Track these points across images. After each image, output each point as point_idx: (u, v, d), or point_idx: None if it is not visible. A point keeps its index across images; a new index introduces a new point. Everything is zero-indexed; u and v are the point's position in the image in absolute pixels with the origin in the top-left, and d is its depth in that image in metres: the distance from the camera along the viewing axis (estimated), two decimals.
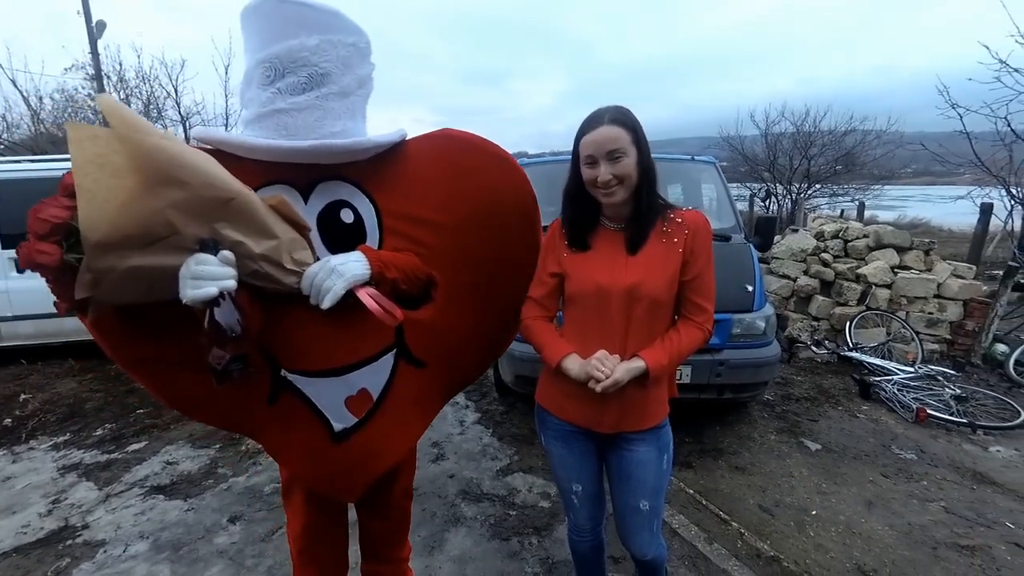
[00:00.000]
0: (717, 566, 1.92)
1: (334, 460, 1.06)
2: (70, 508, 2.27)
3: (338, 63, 0.94)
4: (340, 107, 0.96)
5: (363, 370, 1.03)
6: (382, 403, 1.07)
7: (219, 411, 1.06)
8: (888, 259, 4.49)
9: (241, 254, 0.83)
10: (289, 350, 0.99)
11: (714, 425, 3.04)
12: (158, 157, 0.73)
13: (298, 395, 1.02)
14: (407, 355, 1.09)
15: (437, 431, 2.99)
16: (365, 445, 1.07)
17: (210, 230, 0.80)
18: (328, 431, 1.04)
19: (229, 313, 0.81)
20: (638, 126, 1.12)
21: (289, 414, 1.04)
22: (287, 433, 1.06)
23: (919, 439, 2.91)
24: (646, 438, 1.24)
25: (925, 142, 6.31)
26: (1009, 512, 2.26)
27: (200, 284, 0.77)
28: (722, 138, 11.90)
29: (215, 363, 0.82)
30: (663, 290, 1.15)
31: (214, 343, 0.82)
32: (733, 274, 2.80)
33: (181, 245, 0.78)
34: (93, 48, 9.55)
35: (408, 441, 1.18)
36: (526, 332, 1.28)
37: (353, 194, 1.02)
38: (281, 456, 1.12)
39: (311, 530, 1.24)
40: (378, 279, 0.95)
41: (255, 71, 0.93)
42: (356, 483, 1.11)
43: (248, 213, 0.83)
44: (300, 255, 0.91)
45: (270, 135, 0.93)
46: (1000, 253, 8.01)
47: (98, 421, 3.14)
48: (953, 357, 4.13)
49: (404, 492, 1.35)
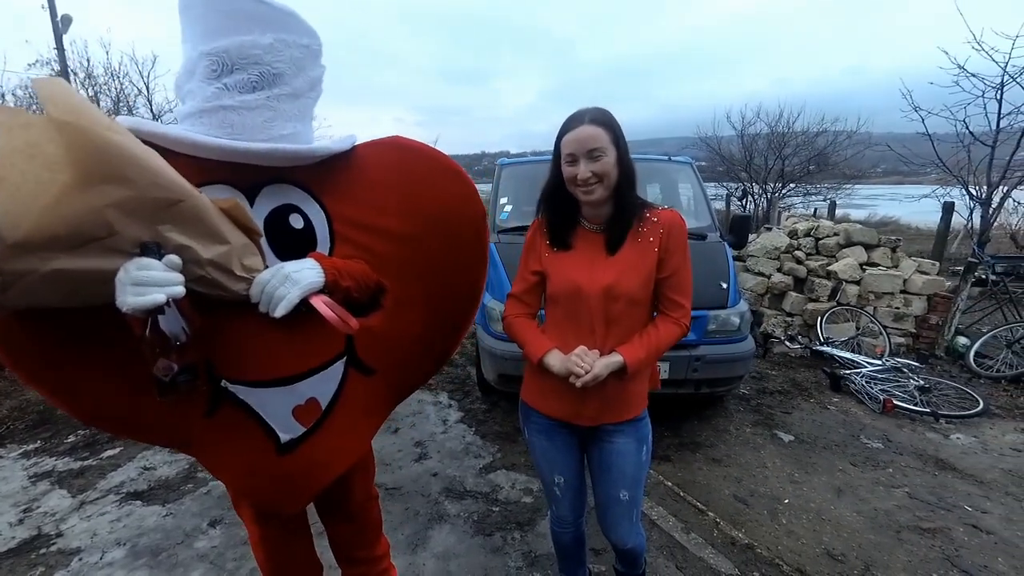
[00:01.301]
0: (694, 555, 1.98)
1: (278, 472, 1.02)
2: (43, 517, 2.22)
3: (291, 64, 0.92)
4: (291, 109, 0.94)
5: (312, 379, 1.00)
6: (331, 412, 1.04)
7: (146, 425, 1.00)
8: (857, 256, 4.65)
9: (187, 259, 0.78)
10: (232, 359, 0.94)
11: (692, 419, 3.12)
12: (101, 151, 0.66)
13: (240, 406, 0.97)
14: (357, 363, 1.07)
15: (420, 430, 3.00)
16: (312, 455, 1.03)
17: (153, 233, 0.74)
18: (274, 443, 1.00)
19: (174, 321, 0.76)
20: (617, 127, 1.16)
21: (229, 427, 0.99)
22: (226, 446, 1.01)
23: (886, 429, 3.04)
24: (625, 430, 1.28)
25: (893, 143, 6.54)
26: (967, 496, 2.37)
27: (143, 291, 0.71)
28: (700, 138, 12.12)
29: (161, 374, 0.77)
30: (638, 289, 1.19)
31: (158, 353, 0.76)
32: (708, 272, 2.88)
33: (118, 248, 0.71)
34: (59, 43, 9.23)
35: (357, 449, 1.15)
36: (509, 329, 1.32)
37: (303, 199, 0.99)
38: (220, 471, 1.07)
39: (271, 539, 1.22)
40: (332, 287, 0.93)
41: (199, 63, 0.88)
42: (300, 495, 1.07)
43: (197, 217, 0.78)
44: (250, 261, 0.87)
45: (213, 132, 0.89)
46: (962, 250, 8.36)
47: (70, 428, 3.05)
48: (918, 350, 4.30)
49: (366, 495, 1.33)
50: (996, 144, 4.89)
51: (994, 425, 3.09)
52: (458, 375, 3.85)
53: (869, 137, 10.50)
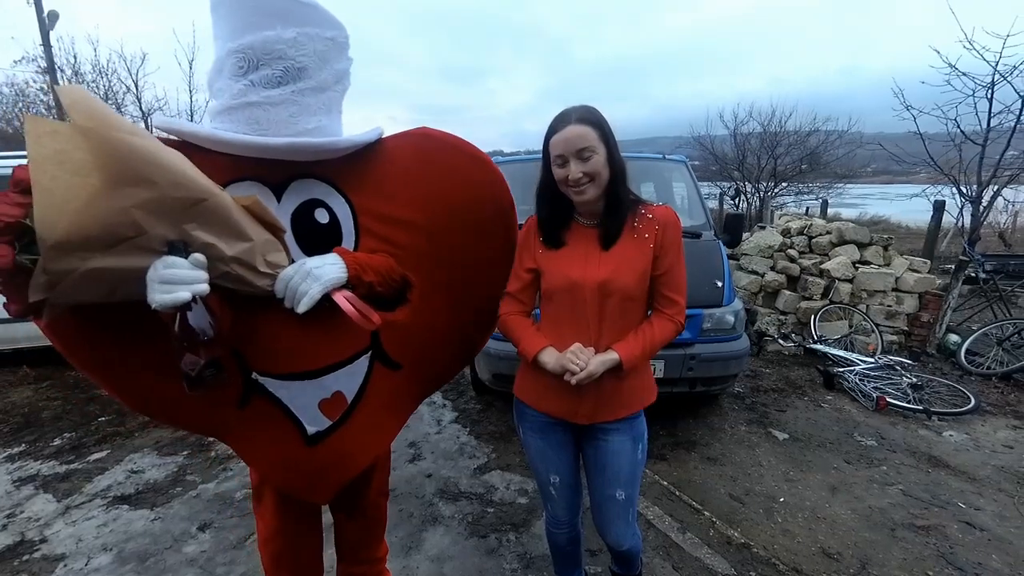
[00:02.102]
0: (690, 554, 1.97)
1: (307, 463, 1.05)
2: (26, 522, 2.17)
3: (315, 57, 0.92)
4: (316, 103, 0.94)
5: (338, 373, 1.02)
6: (357, 406, 1.06)
7: (187, 415, 1.03)
8: (849, 254, 4.67)
9: (212, 256, 0.80)
10: (261, 353, 0.97)
11: (687, 418, 3.11)
12: (125, 154, 0.70)
13: (270, 398, 1.00)
14: (383, 357, 1.08)
15: (414, 431, 2.97)
16: (339, 448, 1.06)
17: (179, 232, 0.77)
18: (301, 434, 1.02)
19: (201, 317, 0.78)
20: (605, 124, 1.14)
21: (260, 417, 1.02)
22: (258, 437, 1.04)
23: (879, 426, 3.05)
24: (620, 428, 1.26)
25: (883, 142, 6.60)
26: (960, 493, 2.38)
27: (170, 288, 0.74)
28: (693, 138, 12.17)
29: (188, 369, 0.80)
30: (634, 285, 1.18)
31: (186, 348, 0.79)
32: (703, 270, 2.87)
33: (147, 247, 0.75)
34: (45, 40, 9.08)
35: (382, 443, 1.18)
36: (503, 327, 1.30)
37: (328, 193, 1.00)
38: (252, 460, 1.10)
39: (284, 535, 1.22)
40: (355, 282, 0.94)
41: (227, 60, 0.90)
42: (329, 485, 1.10)
43: (220, 214, 0.80)
44: (274, 257, 0.89)
45: (241, 128, 0.90)
46: (952, 248, 8.44)
47: (56, 431, 3.00)
48: (910, 348, 4.33)
49: (380, 491, 1.35)
50: (987, 143, 4.93)
51: (986, 422, 3.11)
52: None
53: (860, 137, 10.59)
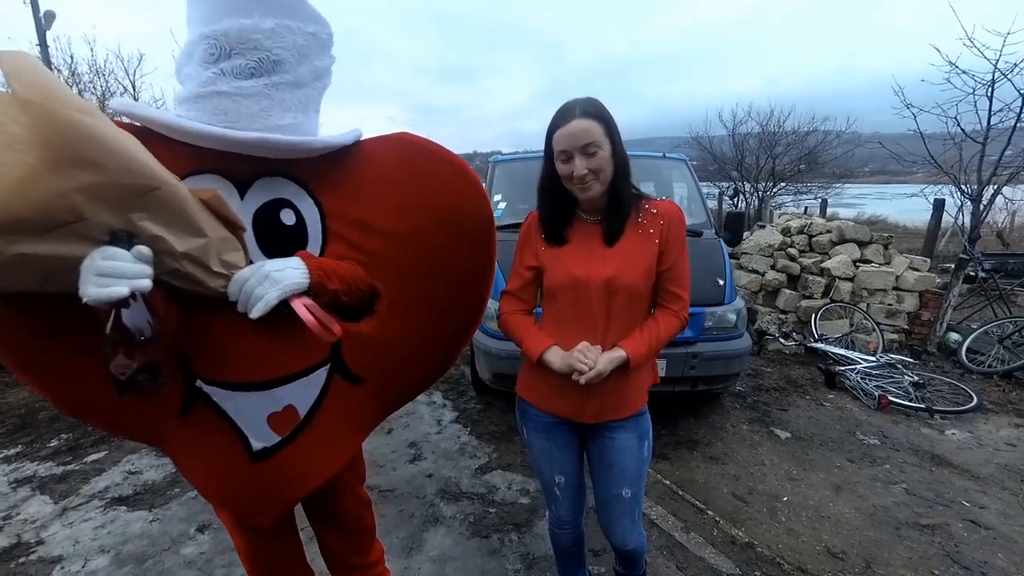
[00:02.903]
0: (694, 554, 1.95)
1: (249, 481, 0.96)
2: (23, 524, 2.14)
3: (294, 51, 0.87)
4: (291, 99, 0.89)
5: (291, 385, 0.94)
6: (310, 421, 0.98)
7: (120, 418, 0.93)
8: (850, 253, 4.67)
9: (160, 250, 0.73)
10: (208, 359, 0.89)
11: (689, 417, 3.10)
12: (71, 132, 0.63)
13: (214, 408, 0.92)
14: (343, 370, 1.00)
15: (414, 431, 2.95)
16: (286, 466, 0.97)
17: (125, 220, 0.69)
18: (246, 449, 0.94)
19: (139, 315, 0.70)
20: (610, 117, 1.11)
21: (202, 428, 0.93)
22: (199, 449, 0.95)
23: (881, 425, 3.04)
24: (626, 425, 1.25)
25: (881, 142, 6.60)
26: (964, 491, 2.37)
27: (106, 282, 0.67)
28: (692, 138, 12.17)
29: (118, 372, 0.71)
30: (640, 281, 1.16)
31: (118, 348, 0.71)
32: (705, 269, 2.86)
33: (87, 234, 0.67)
34: (41, 40, 9.04)
35: (335, 463, 1.07)
36: (505, 326, 1.27)
37: (297, 194, 0.93)
38: (191, 474, 1.00)
39: (256, 548, 1.15)
40: (317, 289, 0.87)
41: (198, 45, 0.84)
42: (272, 507, 1.01)
43: (173, 206, 0.73)
44: (230, 256, 0.82)
45: (207, 119, 0.84)
46: (951, 247, 8.45)
47: (52, 432, 2.97)
48: (911, 346, 4.33)
49: (359, 502, 1.26)
50: (987, 141, 4.93)
51: (988, 420, 3.11)
52: (452, 374, 3.80)
53: (858, 137, 10.60)
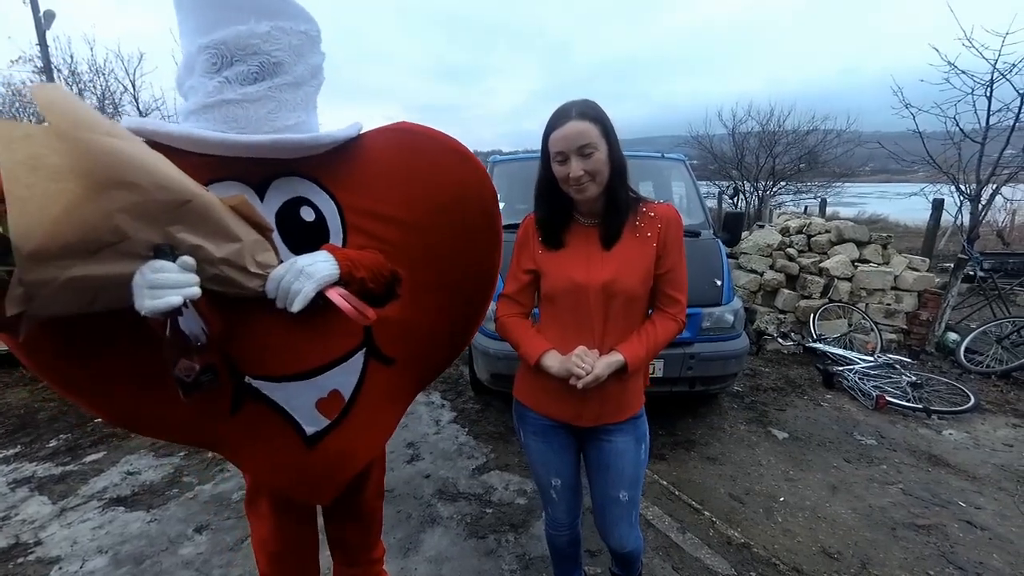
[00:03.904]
0: (690, 555, 1.95)
1: (307, 465, 1.03)
2: (21, 524, 2.15)
3: (290, 51, 0.90)
4: (294, 98, 0.92)
5: (333, 371, 1.00)
6: (354, 403, 1.05)
7: (174, 425, 1.00)
8: (848, 253, 4.67)
9: (200, 258, 0.78)
10: (253, 356, 0.95)
11: (686, 417, 3.10)
12: (105, 157, 0.67)
13: (264, 402, 0.98)
14: (377, 353, 1.07)
15: (412, 431, 2.96)
16: (339, 446, 1.05)
17: (165, 235, 0.74)
18: (300, 436, 1.01)
19: (193, 321, 0.77)
20: (606, 119, 1.12)
21: (255, 423, 0.99)
22: (254, 442, 1.02)
23: (879, 425, 3.04)
24: (624, 428, 1.25)
25: (881, 141, 6.59)
26: (961, 492, 2.38)
27: (160, 293, 0.72)
28: (692, 137, 12.15)
29: (184, 375, 0.78)
30: (638, 286, 1.16)
31: (179, 354, 0.77)
32: (702, 269, 2.86)
33: (132, 252, 0.72)
34: (41, 39, 9.03)
35: (381, 439, 1.17)
36: (502, 329, 1.28)
37: (312, 191, 0.98)
38: (249, 467, 1.08)
39: (281, 537, 1.20)
40: (347, 279, 0.92)
41: (198, 57, 0.87)
42: (332, 486, 1.09)
43: (206, 215, 0.78)
44: (263, 257, 0.87)
45: (218, 127, 0.87)
46: (951, 247, 8.45)
47: (51, 432, 2.98)
48: (909, 346, 4.33)
49: (377, 491, 1.34)
50: (986, 141, 4.93)
51: (985, 420, 3.11)
52: (451, 375, 3.81)
53: (858, 136, 10.58)
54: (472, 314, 1.26)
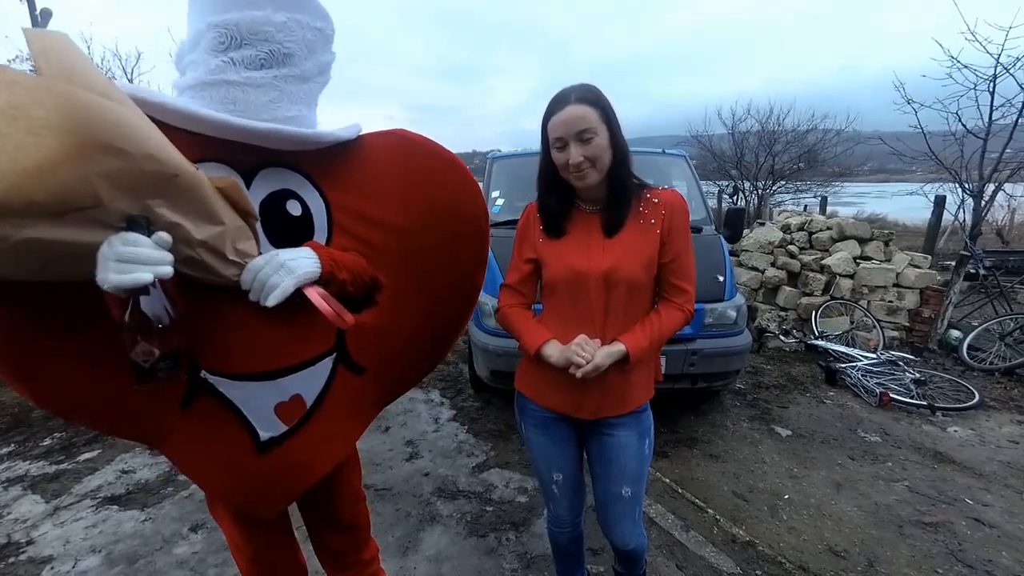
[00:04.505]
0: (694, 553, 1.92)
1: (256, 472, 0.95)
2: (13, 524, 2.11)
3: (303, 45, 0.88)
4: (297, 92, 0.90)
5: (298, 375, 0.93)
6: (316, 411, 0.97)
7: (116, 416, 0.91)
8: (850, 250, 4.64)
9: (178, 238, 0.72)
10: (215, 349, 0.88)
11: (688, 415, 3.07)
12: (95, 117, 0.61)
13: (219, 399, 0.91)
14: (347, 360, 1.01)
15: (411, 429, 2.92)
16: (293, 456, 0.97)
17: (143, 207, 0.68)
18: (253, 440, 0.93)
19: (157, 303, 0.70)
20: (607, 103, 1.08)
21: (205, 421, 0.92)
22: (200, 442, 0.94)
23: (883, 422, 3.01)
24: (627, 422, 1.22)
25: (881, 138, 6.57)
26: (967, 489, 2.35)
27: (128, 268, 0.66)
28: (692, 136, 12.13)
29: (142, 360, 0.71)
30: (640, 274, 1.13)
31: (138, 336, 0.70)
32: (705, 265, 2.83)
33: (102, 220, 0.66)
34: None
35: (339, 452, 1.08)
36: (503, 320, 1.25)
37: (302, 185, 0.94)
38: (191, 468, 0.99)
39: (253, 540, 1.14)
40: (328, 279, 0.88)
41: (206, 34, 0.84)
42: (279, 497, 1.01)
43: (192, 194, 0.73)
44: (244, 245, 0.81)
45: (214, 107, 0.84)
46: (951, 245, 8.43)
47: (45, 431, 2.94)
48: (912, 343, 4.30)
49: (355, 497, 1.26)
50: (988, 137, 4.90)
51: (990, 417, 3.08)
52: (450, 372, 3.77)
53: (857, 135, 10.57)
54: (450, 328, 1.20)
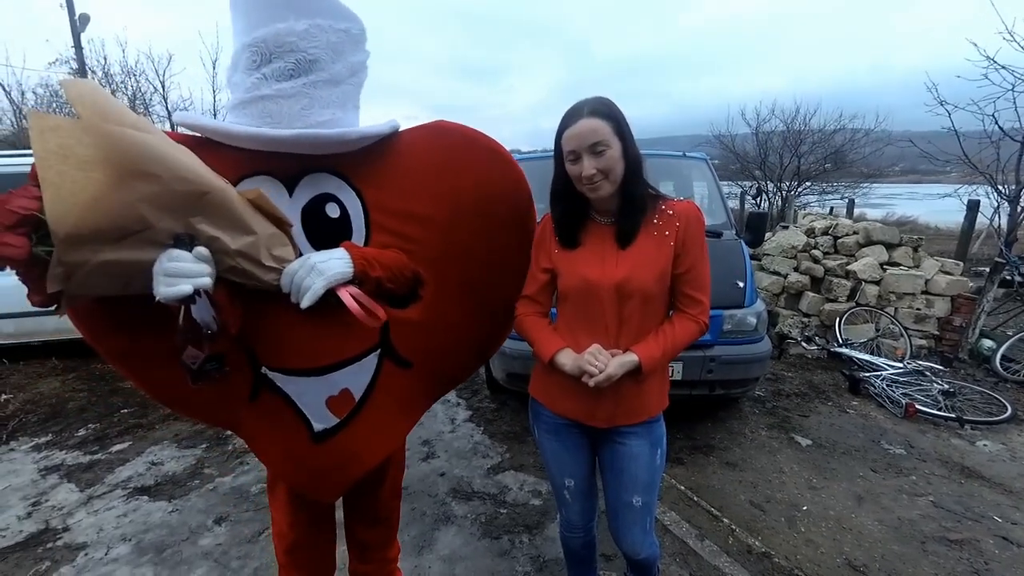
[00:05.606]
0: (708, 562, 1.91)
1: (313, 461, 1.04)
2: (51, 510, 2.22)
3: (327, 49, 0.91)
4: (329, 95, 0.93)
5: (346, 370, 1.00)
6: (364, 404, 1.04)
7: (201, 405, 1.05)
8: (877, 255, 4.52)
9: (217, 250, 0.80)
10: (270, 347, 0.97)
11: (705, 421, 3.04)
12: (127, 149, 0.71)
13: (279, 393, 1.00)
14: (392, 355, 1.06)
15: (427, 429, 2.96)
16: (345, 447, 1.04)
17: (185, 225, 0.77)
18: (308, 431, 1.01)
19: (204, 310, 0.79)
20: (620, 116, 1.09)
21: (270, 412, 1.02)
22: (268, 431, 1.04)
23: (908, 434, 2.93)
24: (639, 432, 1.22)
25: (911, 140, 6.36)
26: (996, 506, 2.27)
27: (173, 282, 0.75)
28: (714, 136, 11.94)
29: (189, 362, 0.81)
30: (653, 285, 1.13)
31: (188, 341, 0.80)
32: (724, 270, 2.79)
33: (155, 240, 0.75)
34: (76, 42, 9.39)
35: (390, 444, 1.15)
36: (519, 327, 1.27)
37: (340, 187, 0.99)
38: (261, 453, 1.11)
39: (298, 528, 1.21)
40: (361, 277, 0.92)
41: (242, 55, 0.90)
42: (335, 485, 1.09)
43: (224, 208, 0.80)
44: (279, 251, 0.88)
45: (254, 122, 0.90)
46: (985, 250, 8.12)
47: (80, 421, 3.07)
48: (941, 353, 4.17)
49: (393, 492, 1.33)
50: None
51: (1022, 432, 2.97)
52: None
53: (887, 135, 10.25)
54: (499, 320, 1.24)
